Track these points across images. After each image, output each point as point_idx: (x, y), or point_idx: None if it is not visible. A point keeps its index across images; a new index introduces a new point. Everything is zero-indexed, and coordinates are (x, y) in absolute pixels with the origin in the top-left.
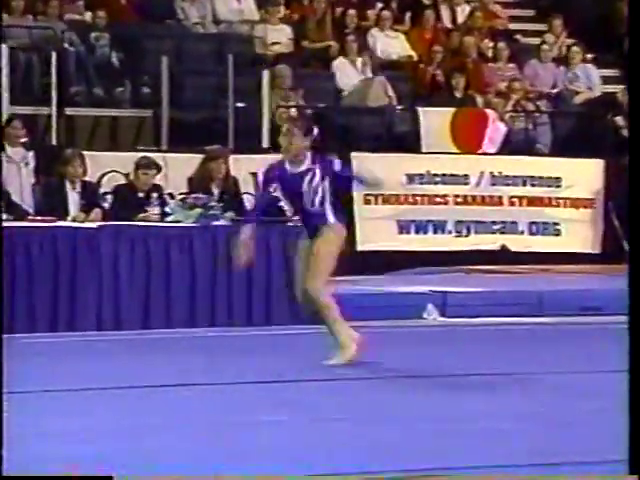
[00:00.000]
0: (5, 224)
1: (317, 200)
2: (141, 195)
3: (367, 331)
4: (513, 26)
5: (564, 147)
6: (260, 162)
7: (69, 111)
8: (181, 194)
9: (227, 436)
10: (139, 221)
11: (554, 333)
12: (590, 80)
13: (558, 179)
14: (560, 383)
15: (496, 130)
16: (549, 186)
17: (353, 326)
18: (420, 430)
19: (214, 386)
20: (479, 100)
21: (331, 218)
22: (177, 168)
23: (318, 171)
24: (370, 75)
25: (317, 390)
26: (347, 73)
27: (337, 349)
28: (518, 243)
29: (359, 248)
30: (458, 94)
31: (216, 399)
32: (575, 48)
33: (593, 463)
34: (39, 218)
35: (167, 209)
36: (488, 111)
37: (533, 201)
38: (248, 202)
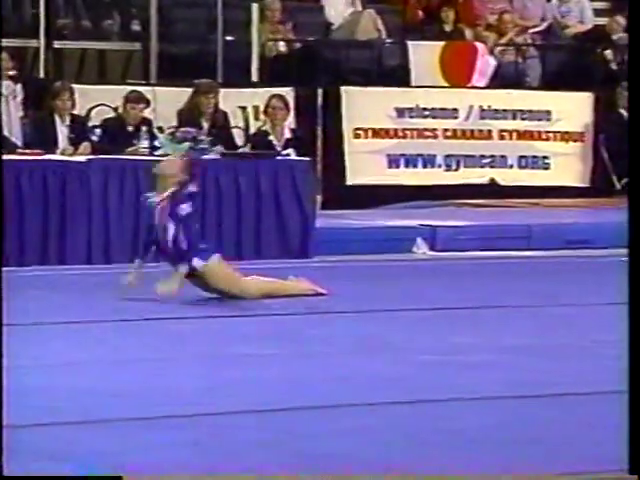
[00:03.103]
0: None
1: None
2: (130, 129)
3: (356, 265)
4: None
5: (554, 80)
6: (249, 96)
7: (57, 44)
8: (170, 128)
9: (219, 368)
10: (128, 155)
11: (542, 266)
12: (583, 14)
13: (548, 113)
14: (548, 315)
15: (486, 63)
16: (539, 120)
17: (343, 260)
18: (410, 362)
19: (209, 319)
20: (469, 33)
21: (197, 262)
22: (166, 102)
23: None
24: (359, 8)
25: (305, 322)
26: (336, 6)
27: None
28: (507, 177)
29: (348, 182)
30: (448, 27)
31: (210, 331)
32: None
33: (579, 394)
34: (28, 151)
35: (156, 143)
36: (478, 44)
37: (522, 135)
38: (237, 136)
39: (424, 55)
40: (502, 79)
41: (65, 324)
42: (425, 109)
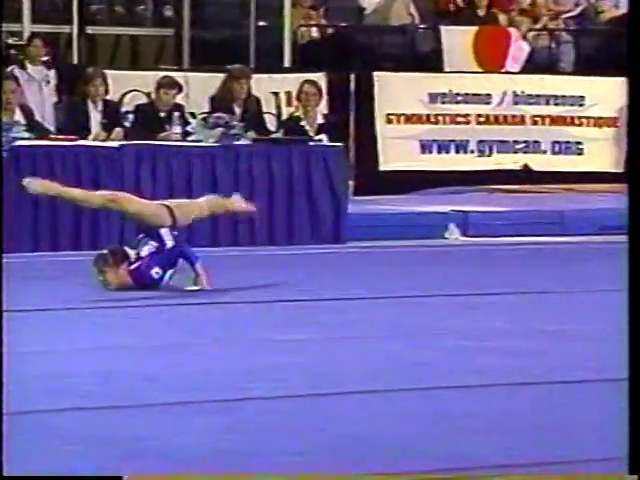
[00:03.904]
0: (27, 143)
1: None
2: (162, 114)
3: (388, 251)
4: None
5: (587, 65)
6: (282, 81)
7: (90, 29)
8: (203, 113)
9: (253, 353)
10: (160, 140)
11: (575, 252)
12: None
13: (581, 98)
14: (581, 301)
15: (519, 49)
16: (572, 105)
17: (375, 245)
18: (442, 348)
19: (241, 304)
20: (502, 18)
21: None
22: (199, 87)
23: None
24: None
25: (337, 308)
26: None
27: None
28: (540, 162)
29: (381, 168)
30: (481, 12)
31: (243, 317)
32: None
33: (610, 380)
34: (61, 137)
35: (189, 128)
36: (511, 29)
37: (556, 120)
38: (269, 122)
39: (457, 40)
40: (535, 64)
41: (97, 309)
42: (458, 94)
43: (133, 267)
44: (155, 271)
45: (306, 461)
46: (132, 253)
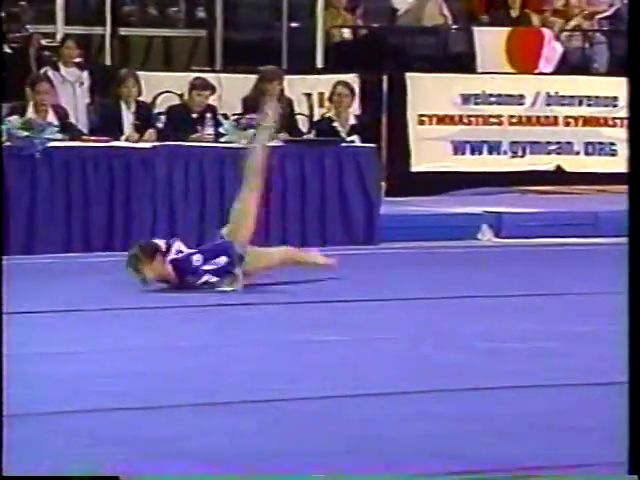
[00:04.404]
0: (60, 144)
1: None
2: (195, 116)
3: (421, 252)
4: None
5: (621, 66)
6: (314, 82)
7: (123, 31)
8: (235, 115)
9: (280, 354)
10: (193, 142)
11: (609, 254)
12: None
13: (615, 99)
14: (613, 303)
15: (552, 49)
16: (605, 106)
17: (407, 247)
18: (473, 349)
19: (272, 305)
20: (535, 19)
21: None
22: (231, 89)
23: None
24: None
25: (367, 309)
26: None
27: None
28: (574, 163)
29: (413, 169)
30: (514, 13)
31: (275, 318)
32: None
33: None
34: (94, 138)
35: (221, 130)
36: (544, 30)
37: (589, 121)
38: (302, 123)
39: (490, 41)
40: (569, 65)
41: (128, 309)
42: (491, 95)
43: (173, 257)
44: (196, 258)
45: (334, 462)
46: (162, 243)
